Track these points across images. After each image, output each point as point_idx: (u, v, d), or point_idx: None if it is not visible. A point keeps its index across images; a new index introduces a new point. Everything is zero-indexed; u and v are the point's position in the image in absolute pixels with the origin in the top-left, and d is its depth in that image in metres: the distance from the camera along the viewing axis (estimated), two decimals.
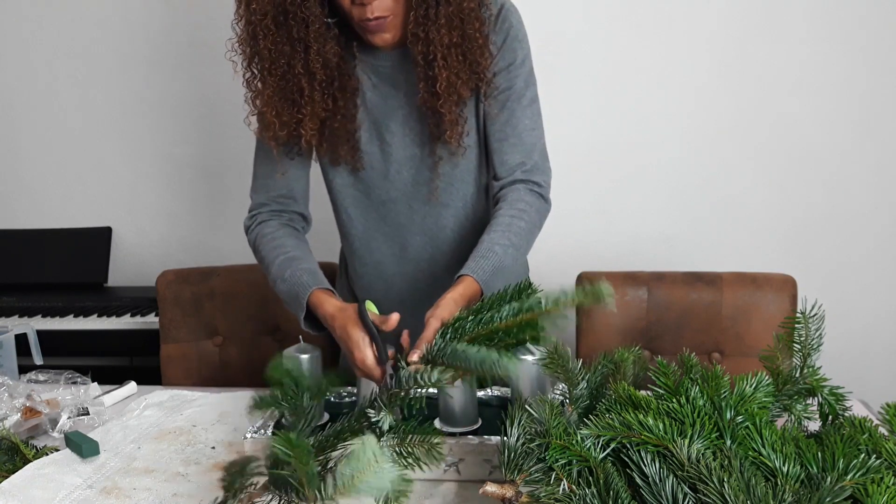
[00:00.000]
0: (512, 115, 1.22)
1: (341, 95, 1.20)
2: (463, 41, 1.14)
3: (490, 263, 1.13)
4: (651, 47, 2.14)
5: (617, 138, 2.19)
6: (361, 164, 1.28)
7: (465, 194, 1.29)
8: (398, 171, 1.28)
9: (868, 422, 0.87)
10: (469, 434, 1.03)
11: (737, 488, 0.71)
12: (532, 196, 1.23)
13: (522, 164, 1.23)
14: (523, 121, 1.23)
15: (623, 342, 1.54)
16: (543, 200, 1.25)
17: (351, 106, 1.23)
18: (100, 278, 2.44)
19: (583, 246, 2.21)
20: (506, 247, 1.16)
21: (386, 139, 1.26)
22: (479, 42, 1.15)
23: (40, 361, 1.50)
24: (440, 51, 1.13)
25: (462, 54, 1.14)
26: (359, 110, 1.25)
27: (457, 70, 1.14)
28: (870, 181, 2.13)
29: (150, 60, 2.42)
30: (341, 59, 1.19)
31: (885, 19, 2.05)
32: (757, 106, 2.13)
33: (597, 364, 1.01)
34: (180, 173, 2.47)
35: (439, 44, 1.12)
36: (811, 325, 0.96)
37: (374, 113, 1.26)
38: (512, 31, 1.21)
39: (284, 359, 1.11)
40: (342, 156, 1.26)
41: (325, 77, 1.16)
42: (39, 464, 1.07)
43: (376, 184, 1.29)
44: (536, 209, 1.23)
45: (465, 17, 1.13)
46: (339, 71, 1.19)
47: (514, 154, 1.23)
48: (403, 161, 1.27)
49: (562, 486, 0.78)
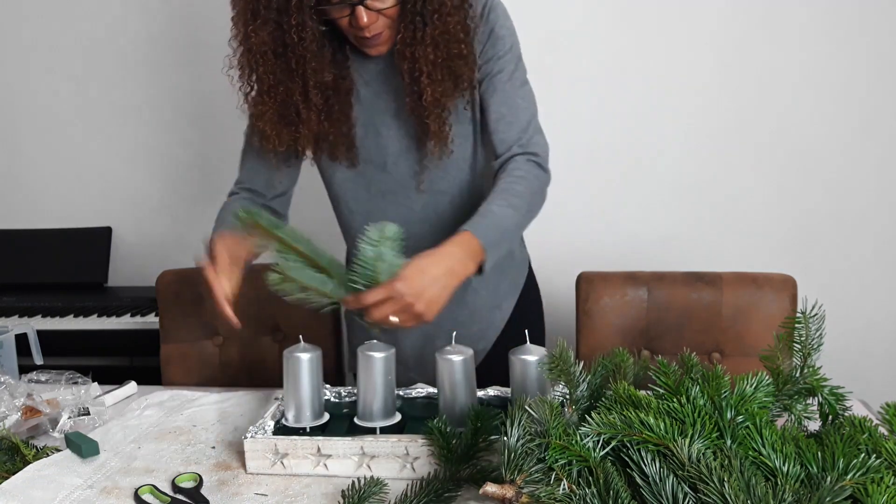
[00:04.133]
0: (506, 95, 1.25)
1: (336, 100, 1.24)
2: (448, 58, 1.17)
3: (487, 220, 1.14)
4: (651, 47, 2.14)
5: (617, 138, 2.19)
6: (358, 158, 1.31)
7: (461, 181, 1.31)
8: (395, 162, 1.31)
9: (868, 422, 0.87)
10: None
11: (737, 488, 0.71)
12: (529, 165, 1.24)
13: (519, 139, 1.25)
14: (516, 100, 1.25)
15: (623, 342, 1.54)
16: (541, 169, 1.26)
17: (346, 107, 1.26)
18: (100, 278, 2.44)
19: (583, 246, 2.21)
20: (503, 206, 1.17)
21: (381, 132, 1.29)
22: (465, 54, 1.19)
23: (40, 361, 1.50)
24: (426, 69, 1.17)
25: (447, 69, 1.18)
26: (353, 108, 1.28)
27: (442, 86, 1.18)
28: (870, 181, 2.13)
29: (149, 60, 2.42)
30: (336, 70, 1.23)
31: (885, 19, 2.05)
32: (757, 106, 2.13)
33: (597, 366, 1.01)
34: (180, 173, 2.47)
35: (424, 62, 1.16)
36: (811, 325, 0.96)
37: (368, 109, 1.29)
38: (498, 23, 1.24)
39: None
40: (339, 154, 1.29)
41: (322, 99, 1.21)
42: (39, 465, 1.07)
43: (374, 177, 1.32)
44: (535, 175, 1.24)
45: (451, 36, 1.16)
46: (334, 84, 1.23)
47: (511, 131, 1.25)
48: (399, 153, 1.30)
49: (562, 486, 0.78)
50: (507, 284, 1.43)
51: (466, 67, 1.20)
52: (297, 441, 1.03)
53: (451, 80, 1.19)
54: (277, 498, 0.97)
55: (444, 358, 1.07)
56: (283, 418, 1.11)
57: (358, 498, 0.89)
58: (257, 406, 1.30)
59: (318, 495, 0.98)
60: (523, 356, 1.06)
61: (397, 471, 1.01)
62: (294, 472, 1.03)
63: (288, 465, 1.03)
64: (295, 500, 0.97)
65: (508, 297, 1.44)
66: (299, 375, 1.09)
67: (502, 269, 1.40)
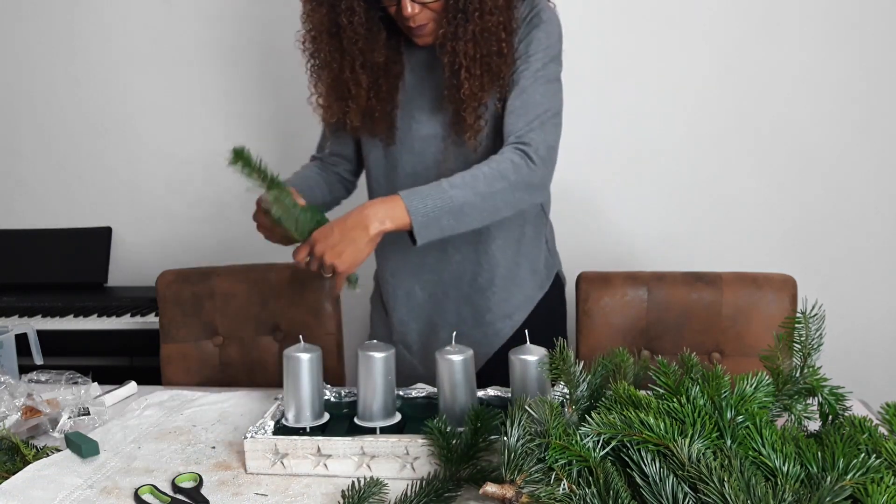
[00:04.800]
0: (523, 90, 1.27)
1: (385, 81, 1.32)
2: (488, 55, 1.23)
3: (426, 190, 1.19)
4: (651, 47, 2.14)
5: (617, 138, 2.19)
6: (393, 138, 1.37)
7: None
8: (423, 147, 1.36)
9: (868, 422, 0.87)
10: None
11: (737, 488, 0.71)
12: (511, 152, 1.23)
13: (519, 131, 1.25)
14: (534, 96, 1.26)
15: (623, 342, 1.54)
16: (526, 158, 1.23)
17: (393, 88, 1.34)
18: (100, 278, 2.44)
19: (583, 246, 2.20)
20: (454, 182, 1.20)
21: (416, 116, 1.35)
22: (504, 52, 1.24)
23: (40, 361, 1.50)
24: (465, 63, 1.23)
25: (486, 66, 1.23)
26: (399, 91, 1.35)
27: (479, 81, 1.23)
28: (870, 181, 2.13)
29: (150, 60, 2.42)
30: (388, 54, 1.32)
31: (884, 19, 2.05)
32: (757, 106, 2.13)
33: (597, 366, 1.01)
34: (180, 173, 2.47)
35: (464, 56, 1.22)
36: (811, 325, 0.96)
37: (409, 93, 1.35)
38: (540, 26, 1.27)
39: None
40: (380, 130, 1.36)
41: (371, 78, 1.31)
42: (39, 465, 1.07)
43: (403, 157, 1.38)
44: (512, 162, 1.22)
45: (491, 34, 1.22)
46: (385, 65, 1.32)
47: (517, 124, 1.26)
48: (428, 138, 1.35)
49: (562, 486, 0.78)
50: (521, 297, 1.43)
51: (505, 65, 1.24)
52: (297, 441, 1.03)
53: (489, 76, 1.24)
54: (277, 498, 0.97)
55: (445, 358, 1.07)
56: (283, 418, 1.11)
57: (358, 498, 0.89)
58: (257, 406, 1.30)
59: (318, 495, 0.98)
60: (523, 356, 1.06)
61: (397, 471, 1.01)
62: (294, 472, 1.03)
63: (288, 465, 1.03)
64: (295, 500, 0.97)
65: (521, 309, 1.44)
66: (299, 375, 1.09)
67: (516, 281, 1.41)
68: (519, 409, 0.86)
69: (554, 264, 1.51)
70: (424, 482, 0.92)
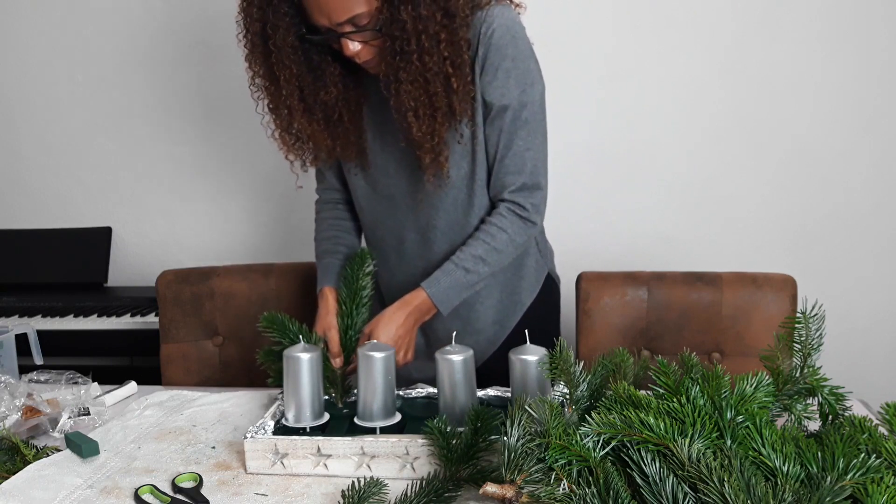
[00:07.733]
0: (507, 137, 1.25)
1: (346, 110, 1.27)
2: (435, 94, 1.16)
3: (449, 279, 1.26)
4: (651, 47, 2.14)
5: (617, 138, 2.19)
6: (368, 163, 1.34)
7: (454, 198, 1.31)
8: (397, 169, 1.32)
9: (868, 422, 0.87)
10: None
11: (737, 488, 0.71)
12: (511, 216, 1.28)
13: (511, 185, 1.27)
14: (517, 141, 1.25)
15: (623, 342, 1.54)
16: (522, 220, 1.28)
17: (357, 116, 1.29)
18: (100, 278, 2.44)
19: (583, 246, 2.20)
20: (463, 260, 1.26)
21: (387, 139, 1.31)
22: (456, 89, 1.16)
23: (40, 361, 1.50)
24: (411, 106, 1.16)
25: (435, 107, 1.16)
26: (365, 117, 1.31)
27: (429, 122, 1.18)
28: (870, 181, 2.13)
29: (150, 60, 2.42)
30: (344, 83, 1.25)
31: (884, 19, 2.05)
32: (757, 106, 2.13)
33: (597, 366, 1.01)
34: (180, 173, 2.47)
35: (409, 99, 1.16)
36: (811, 325, 0.96)
37: (378, 114, 1.30)
38: (494, 49, 1.20)
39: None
40: (350, 158, 1.33)
41: (326, 115, 1.25)
42: (39, 465, 1.07)
43: (380, 179, 1.35)
44: (513, 229, 1.28)
45: (435, 74, 1.14)
46: (344, 93, 1.25)
47: (507, 175, 1.27)
48: (402, 160, 1.30)
49: (562, 486, 0.78)
50: (512, 303, 1.42)
51: (458, 100, 1.17)
52: (297, 441, 1.03)
53: (441, 114, 1.17)
54: (277, 498, 0.97)
55: (445, 358, 1.07)
56: (283, 418, 1.11)
57: (358, 498, 0.89)
58: (257, 406, 1.30)
59: (318, 495, 0.98)
60: (523, 356, 1.06)
61: (397, 471, 1.01)
62: (294, 472, 1.03)
63: (288, 465, 1.03)
64: (295, 500, 0.97)
65: (512, 315, 1.42)
66: (299, 375, 1.09)
67: (507, 288, 1.40)
68: (519, 409, 0.86)
69: (544, 265, 1.47)
70: (424, 482, 0.92)
